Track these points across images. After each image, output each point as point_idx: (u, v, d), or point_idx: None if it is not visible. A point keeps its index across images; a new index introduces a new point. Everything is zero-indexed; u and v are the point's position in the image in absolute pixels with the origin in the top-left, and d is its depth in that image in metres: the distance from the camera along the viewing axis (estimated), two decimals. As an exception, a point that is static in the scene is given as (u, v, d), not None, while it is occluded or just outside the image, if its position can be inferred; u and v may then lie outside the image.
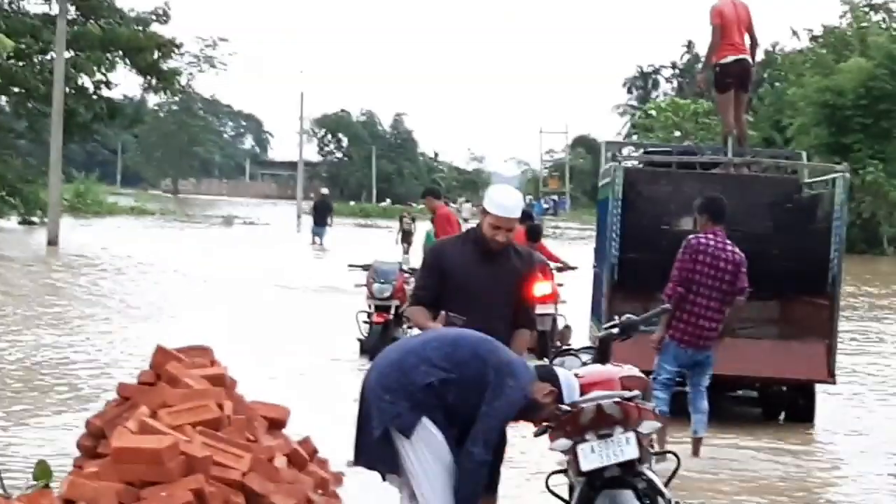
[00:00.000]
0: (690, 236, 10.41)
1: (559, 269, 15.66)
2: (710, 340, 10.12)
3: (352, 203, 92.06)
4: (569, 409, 5.94)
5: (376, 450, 5.92)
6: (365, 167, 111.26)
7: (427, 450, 5.77)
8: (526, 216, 16.74)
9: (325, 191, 55.54)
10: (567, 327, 15.41)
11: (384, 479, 6.13)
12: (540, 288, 12.96)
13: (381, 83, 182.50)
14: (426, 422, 5.76)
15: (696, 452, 10.07)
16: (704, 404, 10.21)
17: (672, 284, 10.00)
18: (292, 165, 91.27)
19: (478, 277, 6.53)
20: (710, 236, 10.24)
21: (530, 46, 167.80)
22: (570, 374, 6.27)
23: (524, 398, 5.79)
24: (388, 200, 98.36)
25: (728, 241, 10.30)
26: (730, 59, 13.32)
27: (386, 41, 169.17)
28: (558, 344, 14.08)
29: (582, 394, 6.02)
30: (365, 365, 14.88)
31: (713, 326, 10.08)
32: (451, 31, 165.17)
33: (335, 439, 8.68)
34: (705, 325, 10.04)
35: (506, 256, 6.75)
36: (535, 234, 15.81)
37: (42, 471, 6.11)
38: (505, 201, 6.55)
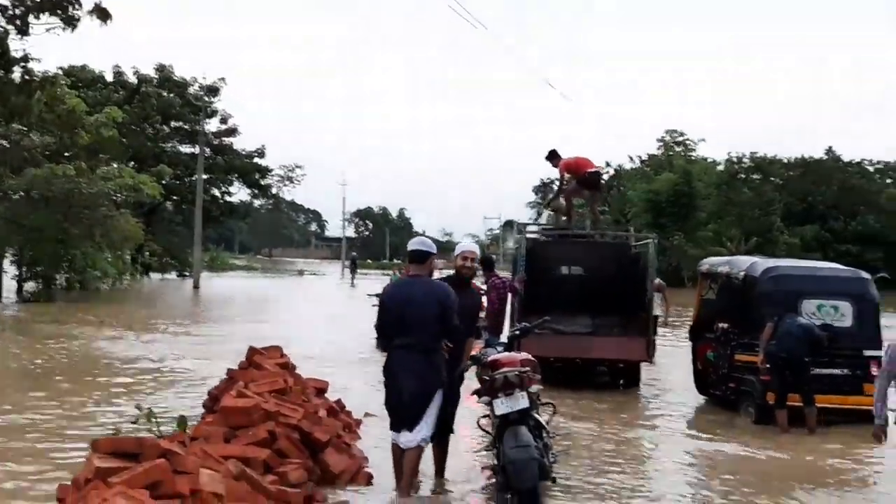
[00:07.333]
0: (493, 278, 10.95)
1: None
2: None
3: (370, 260, 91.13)
4: (487, 378, 5.95)
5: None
6: (382, 240, 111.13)
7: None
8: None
9: (354, 254, 58.78)
10: None
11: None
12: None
13: (390, 185, 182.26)
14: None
15: None
16: None
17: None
18: (339, 240, 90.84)
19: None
20: (494, 277, 10.91)
21: (484, 157, 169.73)
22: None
23: None
24: (396, 259, 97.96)
25: (500, 277, 11.11)
26: (590, 170, 12.99)
27: (394, 158, 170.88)
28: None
29: (497, 369, 5.99)
30: (375, 354, 14.67)
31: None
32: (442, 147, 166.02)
33: (355, 400, 8.67)
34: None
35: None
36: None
37: (180, 421, 6.09)
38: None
